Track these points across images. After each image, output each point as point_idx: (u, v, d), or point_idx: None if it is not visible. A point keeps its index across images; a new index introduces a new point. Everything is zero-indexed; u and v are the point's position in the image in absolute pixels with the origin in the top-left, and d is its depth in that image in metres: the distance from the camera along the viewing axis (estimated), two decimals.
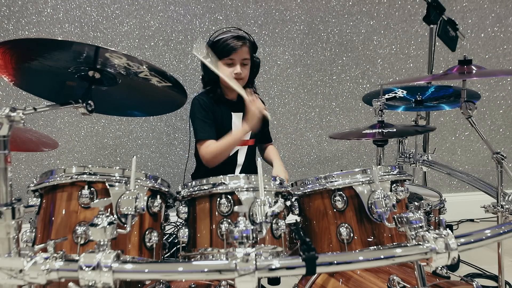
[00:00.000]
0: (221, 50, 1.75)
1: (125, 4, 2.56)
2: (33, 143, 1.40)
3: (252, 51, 1.83)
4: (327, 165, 2.95)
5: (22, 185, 2.60)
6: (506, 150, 3.08)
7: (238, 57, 1.77)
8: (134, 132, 2.70)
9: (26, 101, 2.54)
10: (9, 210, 0.82)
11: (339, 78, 2.87)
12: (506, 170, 1.42)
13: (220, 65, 1.76)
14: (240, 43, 1.75)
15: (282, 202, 1.10)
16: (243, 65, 1.79)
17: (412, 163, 1.97)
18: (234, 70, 1.77)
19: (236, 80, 1.78)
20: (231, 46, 1.74)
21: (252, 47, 1.82)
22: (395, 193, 1.19)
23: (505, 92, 3.05)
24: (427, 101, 1.94)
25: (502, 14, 2.93)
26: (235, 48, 1.74)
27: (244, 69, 1.80)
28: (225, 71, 1.76)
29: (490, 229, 0.88)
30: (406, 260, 0.83)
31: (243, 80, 1.82)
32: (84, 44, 1.00)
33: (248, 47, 1.79)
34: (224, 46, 1.75)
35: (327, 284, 1.36)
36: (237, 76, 1.78)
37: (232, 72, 1.77)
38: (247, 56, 1.80)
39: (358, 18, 2.81)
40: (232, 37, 1.76)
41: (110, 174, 1.08)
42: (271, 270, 0.75)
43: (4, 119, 0.83)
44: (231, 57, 1.76)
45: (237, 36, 1.77)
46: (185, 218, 1.18)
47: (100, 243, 0.79)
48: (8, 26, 2.46)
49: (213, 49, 1.76)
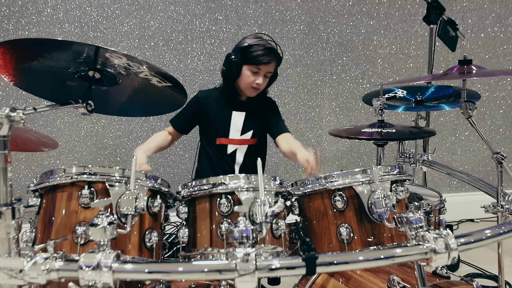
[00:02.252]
0: (252, 57, 1.73)
1: (125, 4, 2.56)
2: (33, 143, 1.40)
3: (278, 66, 1.83)
4: (327, 165, 2.95)
5: (22, 185, 2.60)
6: (506, 150, 3.08)
7: (265, 69, 1.76)
8: (134, 132, 2.70)
9: (26, 101, 2.54)
10: (9, 210, 0.82)
11: (339, 78, 2.87)
12: (506, 170, 1.42)
13: (244, 70, 1.76)
14: (271, 58, 1.74)
15: (282, 202, 1.10)
16: (265, 77, 1.79)
17: (412, 163, 1.98)
18: (256, 80, 1.76)
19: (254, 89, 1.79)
20: (263, 58, 1.72)
21: (279, 62, 1.82)
22: (395, 193, 1.19)
23: (505, 92, 3.04)
24: (427, 101, 1.94)
25: (502, 14, 2.93)
26: (267, 61, 1.73)
27: (265, 81, 1.80)
28: (248, 78, 1.77)
29: (490, 229, 0.88)
30: (406, 260, 0.83)
31: (258, 90, 1.83)
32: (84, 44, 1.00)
33: (276, 62, 1.79)
34: (257, 55, 1.72)
35: (327, 284, 1.35)
36: (257, 86, 1.78)
37: (254, 81, 1.77)
38: (272, 70, 1.80)
39: (358, 18, 2.81)
40: (266, 48, 1.73)
41: (110, 174, 1.08)
42: (271, 270, 0.75)
43: (4, 119, 0.83)
44: (259, 67, 1.75)
45: (271, 49, 1.75)
46: (185, 218, 1.18)
47: (100, 243, 0.79)
48: (8, 26, 2.46)
49: (243, 52, 1.74)
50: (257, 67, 1.75)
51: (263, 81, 1.78)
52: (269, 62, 1.74)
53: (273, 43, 1.77)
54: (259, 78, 1.76)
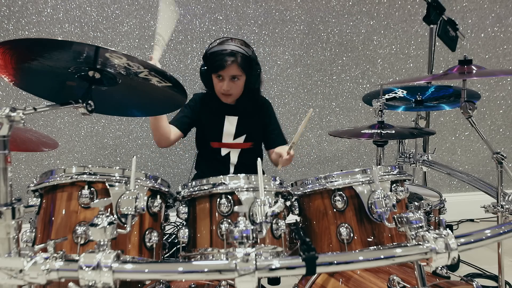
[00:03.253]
0: (210, 65, 1.75)
1: (125, 4, 2.56)
2: (33, 143, 1.40)
3: (245, 66, 1.73)
4: (327, 165, 2.95)
5: (22, 185, 2.60)
6: (506, 150, 3.08)
7: (227, 74, 1.73)
8: (134, 132, 2.70)
9: (26, 101, 2.54)
10: (9, 210, 0.82)
11: (339, 78, 2.87)
12: (506, 170, 1.42)
13: (213, 77, 1.79)
14: (230, 60, 1.69)
15: (282, 202, 1.10)
16: (232, 81, 1.75)
17: (412, 163, 1.97)
18: (223, 86, 1.76)
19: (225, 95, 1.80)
20: (219, 63, 1.70)
21: (244, 61, 1.72)
22: (395, 193, 1.19)
23: (505, 92, 3.04)
24: (427, 101, 1.94)
25: (502, 14, 2.93)
26: (223, 65, 1.70)
27: (234, 85, 1.77)
28: (216, 85, 1.79)
29: (490, 229, 0.88)
30: (406, 260, 0.83)
31: (233, 96, 1.81)
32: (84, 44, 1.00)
33: (238, 64, 1.70)
34: (213, 61, 1.72)
35: (327, 284, 1.36)
36: (224, 92, 1.78)
37: (221, 87, 1.77)
38: (236, 72, 1.73)
39: (358, 18, 2.81)
40: (222, 53, 1.70)
41: (110, 174, 1.08)
42: (271, 270, 0.75)
43: (4, 119, 0.83)
44: (219, 73, 1.75)
45: (229, 52, 1.70)
46: (185, 218, 1.18)
47: (100, 243, 0.79)
48: (8, 26, 2.46)
49: (205, 61, 1.77)
50: (217, 74, 1.75)
51: (230, 86, 1.76)
52: (225, 66, 1.70)
53: (232, 45, 1.73)
54: (224, 84, 1.75)
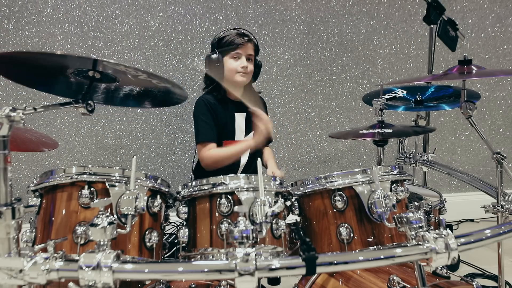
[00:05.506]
0: (228, 45, 1.81)
1: (125, 4, 2.56)
2: (33, 143, 1.40)
3: (256, 49, 1.90)
4: (327, 165, 2.95)
5: (22, 185, 2.60)
6: (506, 150, 3.08)
7: (244, 52, 1.83)
8: (134, 132, 2.70)
9: (26, 101, 2.54)
10: (9, 210, 0.82)
11: (339, 78, 2.87)
12: (506, 170, 1.42)
13: (226, 61, 1.83)
14: (246, 39, 1.83)
15: (282, 202, 1.10)
16: (248, 60, 1.85)
17: (412, 163, 1.97)
18: (241, 64, 1.82)
19: (242, 73, 1.83)
20: (238, 41, 1.81)
21: (255, 44, 1.89)
22: (395, 193, 1.19)
23: (505, 92, 3.05)
24: (427, 101, 1.94)
25: (502, 14, 2.93)
26: (241, 42, 1.81)
27: (250, 64, 1.86)
28: (232, 65, 1.82)
29: (490, 229, 0.88)
30: (406, 260, 0.83)
31: (248, 76, 1.87)
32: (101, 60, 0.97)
33: (253, 44, 1.86)
34: (231, 41, 1.82)
35: (327, 284, 1.36)
36: (243, 70, 1.83)
37: (239, 65, 1.82)
38: (252, 52, 1.86)
39: (358, 18, 2.81)
40: (237, 33, 1.84)
41: (110, 174, 1.08)
42: (271, 270, 0.75)
43: (4, 119, 0.83)
44: (238, 51, 1.82)
45: (242, 33, 1.85)
46: (185, 218, 1.18)
47: (100, 243, 0.79)
48: (8, 26, 2.46)
49: (219, 45, 1.83)
50: (236, 52, 1.82)
51: (248, 64, 1.84)
52: (243, 42, 1.81)
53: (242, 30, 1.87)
54: (243, 61, 1.83)
